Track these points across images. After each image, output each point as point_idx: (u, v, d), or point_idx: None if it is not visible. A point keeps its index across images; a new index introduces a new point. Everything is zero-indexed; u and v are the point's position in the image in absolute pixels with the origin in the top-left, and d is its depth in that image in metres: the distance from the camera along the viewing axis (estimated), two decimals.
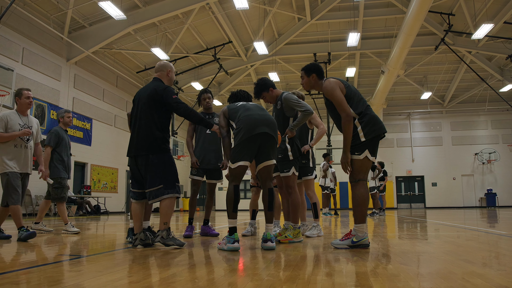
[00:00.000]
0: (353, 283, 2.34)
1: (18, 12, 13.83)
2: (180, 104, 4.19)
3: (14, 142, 5.19)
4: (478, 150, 27.06)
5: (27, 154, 5.36)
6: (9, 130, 5.15)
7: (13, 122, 5.21)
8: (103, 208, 18.32)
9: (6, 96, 11.42)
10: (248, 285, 2.28)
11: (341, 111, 3.95)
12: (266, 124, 4.03)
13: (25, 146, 5.33)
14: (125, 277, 2.57)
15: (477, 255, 3.52)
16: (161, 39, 18.92)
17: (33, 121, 5.52)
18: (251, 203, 6.00)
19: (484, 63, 22.35)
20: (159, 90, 4.22)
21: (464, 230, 6.60)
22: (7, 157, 5.14)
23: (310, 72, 4.30)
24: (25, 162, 5.31)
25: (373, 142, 3.97)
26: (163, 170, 4.14)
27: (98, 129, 19.18)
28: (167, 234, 4.08)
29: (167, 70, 4.47)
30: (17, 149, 5.24)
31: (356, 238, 3.89)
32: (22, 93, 5.38)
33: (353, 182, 4.02)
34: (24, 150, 5.33)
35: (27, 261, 3.37)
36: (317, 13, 18.89)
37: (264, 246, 3.90)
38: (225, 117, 4.37)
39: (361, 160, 3.95)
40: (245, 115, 4.10)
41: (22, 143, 5.29)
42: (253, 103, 4.38)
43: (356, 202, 3.97)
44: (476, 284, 2.26)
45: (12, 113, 5.34)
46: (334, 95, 3.99)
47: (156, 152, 4.16)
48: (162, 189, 4.10)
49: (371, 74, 24.49)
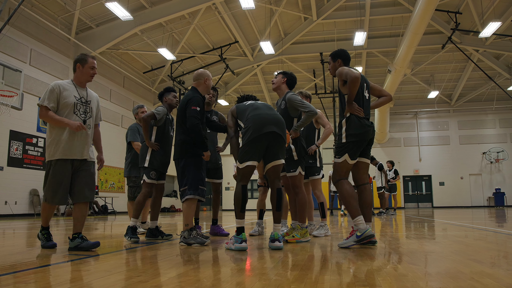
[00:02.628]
0: (361, 282, 2.34)
1: (26, 14, 13.94)
2: (190, 117, 4.30)
3: (68, 118, 3.98)
4: (486, 149, 26.84)
5: (85, 136, 4.13)
6: (62, 103, 3.99)
7: (68, 93, 4.04)
8: (110, 208, 18.41)
9: (15, 97, 11.49)
10: (256, 285, 2.28)
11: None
12: (274, 123, 4.02)
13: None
14: (133, 277, 2.58)
15: (486, 254, 3.50)
16: (167, 39, 18.97)
17: (92, 96, 4.32)
18: (258, 203, 6.01)
19: (492, 62, 22.17)
20: (185, 99, 4.45)
21: (472, 230, 6.56)
22: (56, 141, 3.97)
23: (336, 58, 4.41)
24: (80, 145, 4.06)
25: (354, 146, 4.08)
26: (188, 172, 4.37)
27: (105, 130, 19.25)
28: (188, 234, 4.31)
29: (204, 78, 4.64)
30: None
31: (360, 231, 3.92)
32: (87, 60, 4.17)
33: (335, 183, 4.19)
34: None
35: (36, 261, 3.40)
36: (323, 12, 18.85)
37: (272, 245, 3.90)
38: (233, 116, 4.41)
39: (340, 162, 4.14)
40: (254, 114, 4.10)
41: (78, 120, 4.09)
42: (262, 102, 4.38)
43: (344, 200, 4.09)
44: (485, 283, 2.25)
45: (67, 83, 4.14)
46: (340, 72, 4.13)
47: (183, 156, 4.41)
48: (186, 190, 4.34)
49: (377, 73, 24.38)
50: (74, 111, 4.05)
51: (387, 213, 13.47)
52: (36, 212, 14.55)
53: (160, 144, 5.11)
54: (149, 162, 5.10)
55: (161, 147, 5.11)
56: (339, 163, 4.14)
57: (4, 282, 2.47)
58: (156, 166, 5.08)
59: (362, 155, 4.25)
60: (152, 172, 5.11)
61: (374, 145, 27.58)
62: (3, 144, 13.59)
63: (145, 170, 5.12)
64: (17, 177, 14.05)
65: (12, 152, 13.88)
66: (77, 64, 4.16)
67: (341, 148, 4.12)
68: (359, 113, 4.09)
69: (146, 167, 5.10)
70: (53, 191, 3.95)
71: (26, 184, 14.47)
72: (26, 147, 14.50)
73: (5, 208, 13.54)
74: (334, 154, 4.22)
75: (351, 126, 4.08)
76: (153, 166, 5.09)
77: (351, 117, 4.10)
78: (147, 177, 5.09)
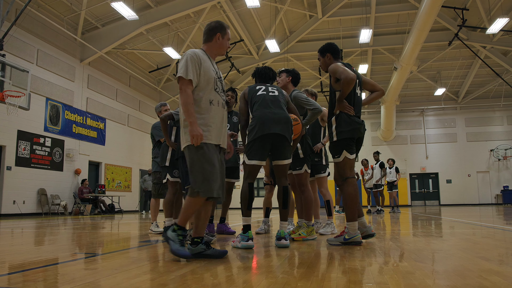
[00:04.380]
0: (368, 280, 2.33)
1: (32, 14, 14.03)
2: None
3: (209, 97, 3.28)
4: (493, 147, 26.64)
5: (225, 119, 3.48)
6: (203, 78, 3.29)
7: (207, 66, 3.35)
8: (117, 207, 18.51)
9: (22, 97, 11.58)
10: (263, 283, 2.28)
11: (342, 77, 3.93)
12: (279, 123, 3.98)
13: (222, 103, 3.41)
14: (141, 275, 2.59)
15: (494, 252, 3.48)
16: (173, 38, 19.01)
17: (220, 73, 3.58)
18: (265, 201, 6.01)
19: (499, 58, 21.97)
20: None
21: (480, 228, 6.52)
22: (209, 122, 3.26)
23: (325, 52, 4.31)
24: (221, 129, 3.37)
25: (349, 142, 4.03)
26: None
27: (112, 129, 19.37)
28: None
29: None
30: (214, 107, 3.32)
31: (348, 235, 3.95)
32: (226, 31, 3.52)
33: (341, 181, 4.09)
34: (223, 111, 3.40)
35: (44, 259, 3.42)
36: (329, 10, 18.78)
37: (278, 244, 3.90)
38: (245, 99, 4.26)
39: (342, 161, 4.05)
40: (260, 112, 4.04)
41: (219, 99, 3.38)
42: (273, 94, 4.19)
43: (345, 201, 4.04)
44: (493, 281, 2.23)
45: (202, 53, 3.41)
46: (334, 69, 4.02)
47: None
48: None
49: (383, 70, 24.28)
50: (214, 87, 3.34)
51: (393, 211, 13.39)
52: (44, 212, 14.66)
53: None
54: (170, 161, 5.11)
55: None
56: (340, 162, 4.07)
57: (13, 280, 2.50)
58: (177, 164, 5.06)
59: None
60: (175, 171, 5.12)
61: (381, 143, 27.48)
62: (11, 144, 13.70)
63: (168, 169, 5.12)
64: (25, 177, 14.16)
65: (20, 152, 13.98)
66: (217, 33, 3.47)
67: (337, 147, 4.06)
68: (349, 111, 4.01)
69: (168, 166, 5.11)
70: (210, 180, 3.14)
71: (34, 183, 14.58)
72: (34, 147, 14.60)
73: (13, 208, 13.65)
74: (333, 155, 4.13)
75: (341, 123, 4.01)
76: (174, 164, 5.09)
77: (341, 114, 4.03)
78: (171, 176, 5.10)
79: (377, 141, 27.69)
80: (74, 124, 16.70)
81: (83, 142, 17.31)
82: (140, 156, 21.48)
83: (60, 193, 15.64)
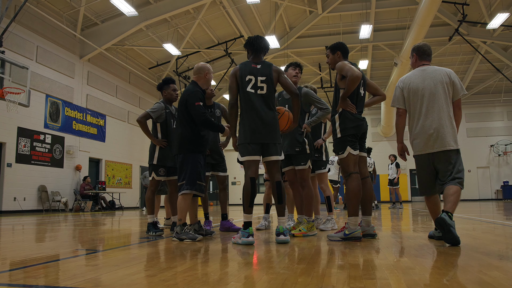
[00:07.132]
0: (368, 275, 2.34)
1: (31, 11, 14.00)
2: (197, 115, 4.25)
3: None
4: (493, 142, 26.63)
5: None
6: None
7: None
8: (117, 204, 18.54)
9: (22, 94, 11.57)
10: (263, 278, 2.29)
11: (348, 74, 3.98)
12: (265, 129, 4.00)
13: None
14: (141, 271, 2.60)
15: (494, 247, 3.49)
16: (172, 34, 18.97)
17: None
18: (265, 197, 6.02)
19: (500, 53, 21.91)
20: (185, 94, 4.37)
21: (480, 223, 6.52)
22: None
23: (335, 50, 4.41)
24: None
25: (352, 138, 4.08)
26: (186, 167, 4.31)
27: (112, 126, 19.37)
28: (181, 229, 4.26)
29: (205, 72, 4.55)
30: None
31: (348, 230, 3.97)
32: None
33: (345, 177, 4.13)
34: None
35: (45, 255, 3.43)
36: (329, 5, 18.72)
37: (278, 239, 3.90)
38: (236, 79, 4.13)
39: (346, 157, 4.09)
40: (248, 115, 4.04)
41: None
42: (261, 93, 4.07)
43: (347, 196, 4.08)
44: (493, 276, 2.24)
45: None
46: (341, 67, 4.08)
47: (182, 152, 4.34)
48: (183, 185, 4.29)
49: (384, 66, 24.23)
50: None
51: (400, 206, 13.85)
52: (44, 208, 14.68)
53: (167, 139, 5.15)
54: (157, 159, 5.13)
55: (168, 142, 5.14)
56: (344, 158, 4.10)
57: (15, 276, 2.51)
58: (165, 162, 5.11)
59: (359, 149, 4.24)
60: (160, 169, 5.15)
61: (381, 139, 27.48)
62: (11, 141, 13.70)
63: (153, 167, 5.15)
64: (25, 174, 14.17)
65: (20, 149, 13.99)
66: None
67: (340, 143, 4.10)
68: (351, 109, 4.07)
69: (154, 164, 5.13)
70: None
71: (34, 180, 14.59)
72: (34, 143, 14.61)
73: (14, 204, 13.68)
74: (336, 152, 4.16)
75: (344, 121, 4.08)
76: (162, 162, 5.12)
77: (344, 112, 4.10)
78: (156, 175, 5.14)
79: (378, 137, 27.67)
80: (74, 121, 16.70)
81: (83, 138, 17.32)
82: (140, 153, 21.48)
83: (60, 190, 15.66)
